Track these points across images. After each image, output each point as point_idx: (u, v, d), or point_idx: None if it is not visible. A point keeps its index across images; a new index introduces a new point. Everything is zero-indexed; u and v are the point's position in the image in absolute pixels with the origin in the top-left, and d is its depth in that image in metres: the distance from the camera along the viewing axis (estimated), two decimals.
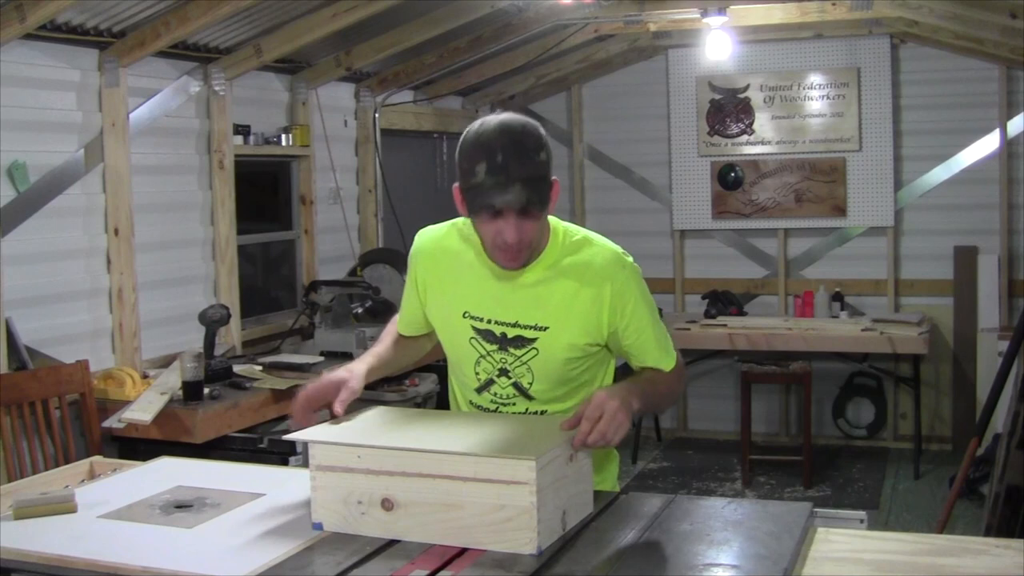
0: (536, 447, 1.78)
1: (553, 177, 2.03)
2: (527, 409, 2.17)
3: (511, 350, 2.12)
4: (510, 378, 2.14)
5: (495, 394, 2.17)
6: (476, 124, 2.00)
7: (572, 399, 2.17)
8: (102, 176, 4.16)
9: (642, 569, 1.69)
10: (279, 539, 1.86)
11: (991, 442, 5.01)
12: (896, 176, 6.46)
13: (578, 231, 2.16)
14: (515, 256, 2.03)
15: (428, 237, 2.25)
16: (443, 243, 2.21)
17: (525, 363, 2.12)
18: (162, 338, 4.45)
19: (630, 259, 2.14)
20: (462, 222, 2.19)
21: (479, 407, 2.21)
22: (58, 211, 3.98)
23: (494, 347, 2.13)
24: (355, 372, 2.13)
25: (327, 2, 4.39)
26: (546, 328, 2.10)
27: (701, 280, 6.91)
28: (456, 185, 2.02)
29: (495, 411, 2.18)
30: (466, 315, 2.14)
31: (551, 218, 2.12)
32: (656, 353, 2.15)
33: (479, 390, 2.19)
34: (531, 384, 2.14)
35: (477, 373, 2.17)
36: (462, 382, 2.24)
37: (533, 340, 2.10)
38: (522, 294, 2.10)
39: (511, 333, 2.11)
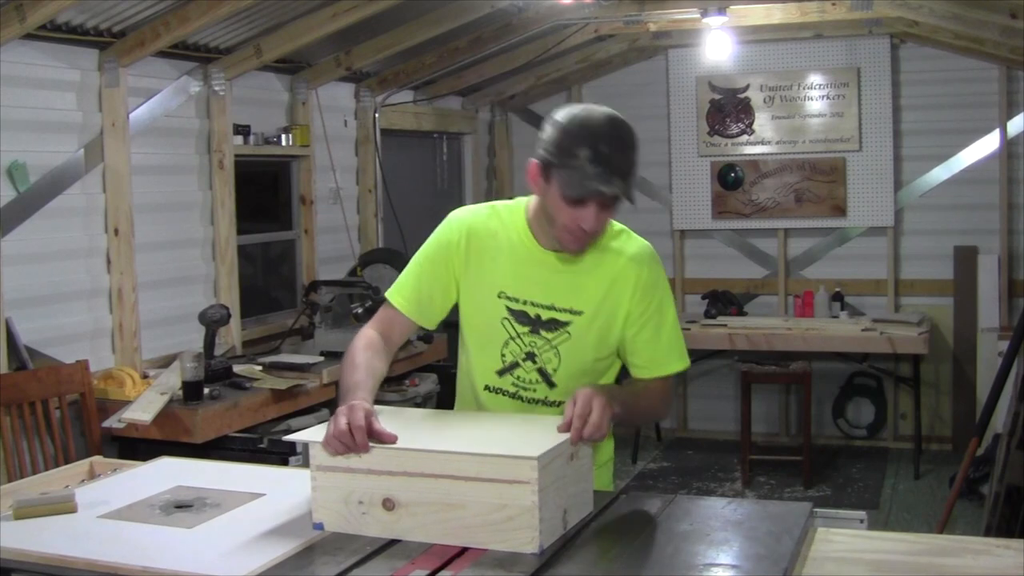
0: (538, 446, 1.78)
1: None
2: (546, 397, 2.17)
3: (543, 333, 2.13)
4: (536, 363, 2.15)
5: (518, 377, 2.17)
6: (577, 108, 2.04)
7: None
8: (102, 176, 4.16)
9: (642, 569, 1.69)
10: (279, 539, 1.86)
11: (991, 442, 5.00)
12: (896, 176, 6.45)
13: (615, 223, 2.20)
14: (585, 243, 2.07)
15: (472, 214, 2.23)
16: (486, 223, 2.20)
17: (555, 347, 2.13)
18: (162, 338, 4.45)
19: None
20: (501, 205, 2.22)
21: (497, 390, 2.20)
22: (58, 211, 3.98)
23: (525, 329, 2.14)
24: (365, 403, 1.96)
25: (327, 2, 4.39)
26: (581, 312, 2.12)
27: (701, 280, 6.90)
28: (536, 161, 2.03)
29: (514, 395, 2.18)
30: (501, 295, 2.15)
31: None
32: (667, 351, 2.16)
33: (501, 372, 2.18)
34: (556, 371, 2.15)
35: (503, 355, 2.16)
36: (482, 365, 2.21)
37: (567, 324, 2.13)
38: (561, 278, 2.13)
39: (545, 315, 2.13)
